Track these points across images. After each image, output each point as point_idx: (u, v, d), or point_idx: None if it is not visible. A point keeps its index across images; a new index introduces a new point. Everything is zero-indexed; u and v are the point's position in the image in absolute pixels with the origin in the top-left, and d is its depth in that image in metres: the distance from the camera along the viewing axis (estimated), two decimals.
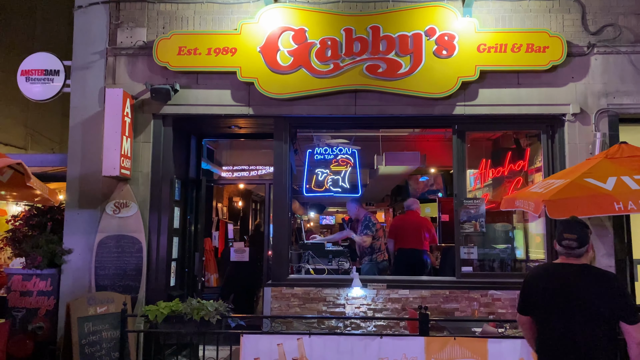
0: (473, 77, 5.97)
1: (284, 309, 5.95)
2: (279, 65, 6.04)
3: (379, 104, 6.12)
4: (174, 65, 6.08)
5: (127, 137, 5.91)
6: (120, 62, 6.26)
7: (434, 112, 6.11)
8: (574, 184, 4.57)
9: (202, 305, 4.45)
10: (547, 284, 3.11)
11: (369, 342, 4.28)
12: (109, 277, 5.91)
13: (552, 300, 3.04)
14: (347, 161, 7.85)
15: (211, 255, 9.05)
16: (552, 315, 3.04)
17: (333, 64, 6.01)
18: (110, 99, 5.82)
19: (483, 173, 8.27)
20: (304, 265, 7.23)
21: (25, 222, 6.32)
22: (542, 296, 3.11)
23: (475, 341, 4.27)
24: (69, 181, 6.13)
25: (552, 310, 3.04)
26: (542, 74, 6.02)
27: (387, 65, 5.98)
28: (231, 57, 6.08)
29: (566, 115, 6.00)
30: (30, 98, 6.32)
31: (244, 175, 9.91)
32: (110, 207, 6.01)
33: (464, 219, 6.15)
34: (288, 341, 4.24)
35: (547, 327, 3.07)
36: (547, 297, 3.07)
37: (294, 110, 6.18)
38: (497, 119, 6.27)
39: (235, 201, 12.59)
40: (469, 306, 5.84)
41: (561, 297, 3.02)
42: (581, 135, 5.97)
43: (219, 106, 6.20)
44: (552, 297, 3.05)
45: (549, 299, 3.06)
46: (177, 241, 6.56)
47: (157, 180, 6.18)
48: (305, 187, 8.27)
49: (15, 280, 5.89)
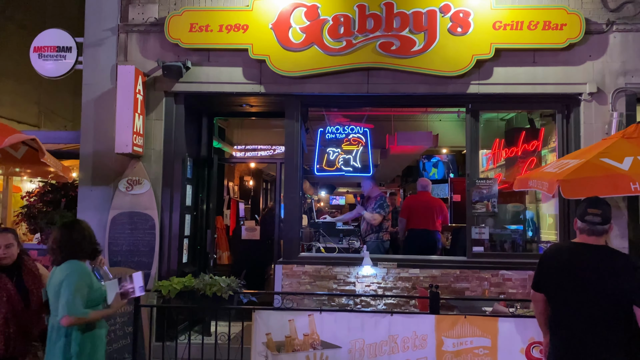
0: (488, 55, 5.87)
1: (294, 286, 6.00)
2: (291, 42, 5.98)
3: (392, 82, 6.05)
4: (186, 42, 6.04)
5: (139, 114, 5.91)
6: (132, 39, 6.24)
7: (448, 90, 6.03)
8: (589, 163, 4.51)
9: (215, 281, 4.49)
10: (563, 262, 3.08)
11: (380, 319, 4.30)
12: (122, 253, 5.98)
13: (567, 279, 3.01)
14: (359, 140, 7.80)
15: (223, 233, 9.12)
16: (566, 295, 3.01)
17: (346, 41, 5.94)
18: (122, 76, 5.82)
19: (496, 153, 8.20)
20: (315, 243, 7.26)
21: (40, 199, 6.40)
22: (557, 275, 3.07)
23: (486, 320, 4.28)
24: (82, 158, 6.17)
25: (566, 290, 3.01)
26: (559, 52, 5.90)
27: (400, 42, 5.90)
28: (243, 34, 6.02)
29: (582, 94, 5.90)
30: (43, 75, 6.33)
31: (255, 155, 9.92)
32: (123, 184, 6.05)
33: (476, 199, 6.11)
34: (299, 317, 4.28)
35: (561, 306, 3.05)
36: (562, 276, 3.04)
37: (305, 88, 6.14)
38: (512, 98, 6.18)
39: (246, 180, 12.63)
40: (479, 286, 5.85)
41: (576, 276, 2.98)
42: (597, 115, 5.87)
43: (230, 84, 6.17)
44: (567, 276, 3.02)
45: (564, 278, 3.03)
46: (189, 219, 6.61)
47: (169, 158, 6.20)
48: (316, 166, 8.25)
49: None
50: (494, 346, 4.17)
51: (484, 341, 4.20)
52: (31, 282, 3.81)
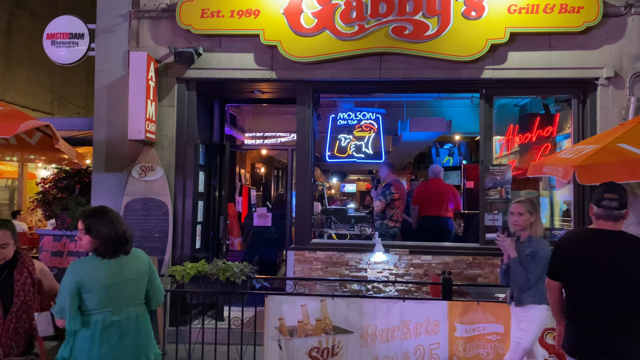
0: (503, 40, 5.78)
1: (306, 272, 6.02)
2: (303, 27, 5.94)
3: (405, 67, 5.99)
4: (197, 28, 6.02)
5: (151, 101, 5.92)
6: (144, 25, 6.23)
7: (461, 75, 5.96)
8: (605, 149, 4.43)
9: (228, 267, 4.52)
10: (580, 249, 3.02)
11: (392, 305, 4.31)
12: (136, 239, 5.93)
13: (585, 266, 2.95)
14: (371, 126, 7.77)
15: (235, 219, 9.18)
16: (584, 282, 2.93)
17: (358, 25, 5.88)
18: (134, 63, 5.82)
19: (510, 139, 8.12)
20: (327, 230, 7.27)
21: (55, 185, 6.47)
22: (574, 262, 3.01)
23: (499, 306, 4.27)
24: (96, 144, 6.21)
25: (584, 277, 2.94)
26: (575, 35, 5.79)
27: (413, 26, 5.82)
28: (254, 20, 5.99)
29: (599, 79, 5.80)
30: (56, 62, 6.35)
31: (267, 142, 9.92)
32: (136, 170, 6.08)
33: (490, 185, 6.06)
34: (311, 303, 4.30)
35: (578, 293, 2.98)
36: (580, 263, 2.98)
37: (317, 74, 6.10)
38: (527, 83, 6.09)
39: (258, 167, 12.66)
40: (492, 272, 5.82)
41: (594, 263, 2.92)
42: (614, 100, 5.77)
43: (242, 70, 6.15)
44: (584, 263, 2.95)
45: (582, 265, 2.97)
46: (202, 205, 6.64)
47: (181, 145, 6.22)
48: (327, 153, 8.25)
49: (46, 241, 6.06)
50: (506, 332, 4.16)
51: (496, 327, 4.20)
52: (20, 286, 3.36)
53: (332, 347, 4.22)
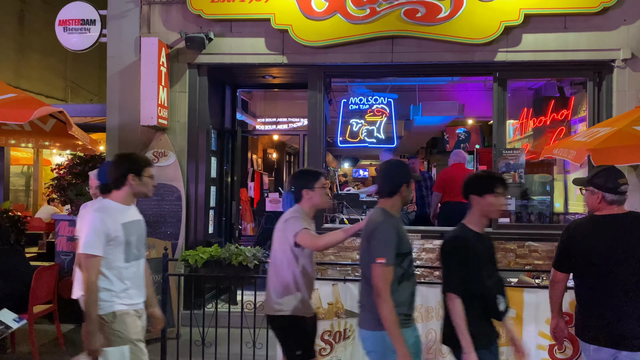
0: (517, 21, 5.68)
1: (318, 257, 6.04)
2: (314, 11, 5.88)
3: (417, 50, 5.92)
4: (208, 12, 6.00)
5: (163, 86, 5.94)
6: (155, 11, 6.22)
7: (474, 58, 5.88)
8: (621, 132, 4.37)
9: (240, 251, 4.55)
10: (602, 236, 2.89)
11: None
12: (150, 224, 6.03)
13: (610, 253, 2.83)
14: (383, 111, 7.72)
15: (247, 205, 9.22)
16: (605, 268, 2.83)
17: (369, 8, 5.81)
18: (145, 48, 5.83)
19: (524, 123, 8.02)
20: (338, 215, 7.28)
21: (69, 171, 6.54)
22: (590, 250, 2.88)
23: (511, 291, 4.24)
24: (109, 130, 6.26)
25: (608, 264, 2.83)
26: (592, 16, 5.68)
27: (426, 9, 5.75)
28: (265, 4, 5.95)
29: (616, 60, 5.69)
30: (68, 48, 6.39)
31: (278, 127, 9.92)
32: (149, 156, 6.12)
33: (503, 169, 6.01)
34: (323, 287, 4.31)
35: (598, 281, 2.87)
36: (599, 250, 2.86)
37: (328, 58, 6.06)
38: (541, 66, 6.00)
39: (270, 153, 12.67)
40: (504, 257, 5.80)
41: (615, 249, 2.82)
42: (631, 82, 5.67)
43: (253, 55, 6.13)
44: (604, 250, 2.84)
45: (601, 251, 2.85)
46: (214, 190, 6.68)
47: (193, 130, 6.24)
48: (339, 138, 8.22)
49: (62, 226, 6.15)
50: (519, 317, 4.15)
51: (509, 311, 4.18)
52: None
53: (344, 330, 4.24)
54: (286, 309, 3.19)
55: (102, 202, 3.05)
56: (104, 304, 2.88)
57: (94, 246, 2.85)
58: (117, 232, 2.93)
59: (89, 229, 2.88)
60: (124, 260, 2.96)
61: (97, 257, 2.85)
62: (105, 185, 3.48)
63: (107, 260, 2.90)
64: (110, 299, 2.91)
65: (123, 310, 2.94)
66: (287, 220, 3.24)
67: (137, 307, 3.06)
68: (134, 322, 3.00)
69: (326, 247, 3.21)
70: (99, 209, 2.99)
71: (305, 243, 3.14)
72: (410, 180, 2.97)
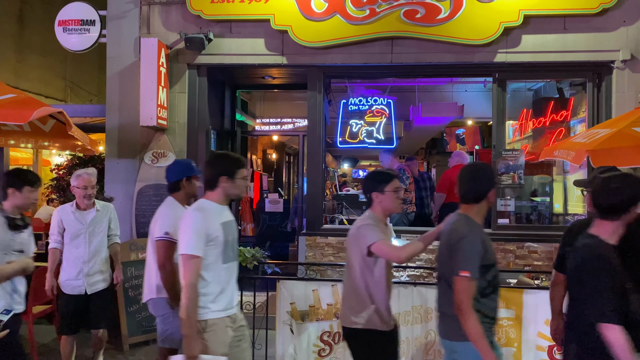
0: (516, 22, 5.69)
1: (318, 258, 6.05)
2: (313, 11, 5.89)
3: (417, 51, 5.93)
4: (207, 13, 6.00)
5: (162, 87, 5.94)
6: (154, 11, 6.22)
7: (474, 59, 5.89)
8: (620, 133, 4.36)
9: (240, 252, 4.54)
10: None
11: (403, 290, 4.31)
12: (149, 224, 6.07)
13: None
14: (382, 112, 7.71)
15: (247, 205, 9.20)
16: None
17: (369, 9, 5.82)
18: (145, 49, 5.83)
19: (523, 124, 8.03)
20: (338, 216, 7.28)
21: (69, 171, 6.55)
22: None
23: (511, 292, 4.25)
24: (108, 131, 6.26)
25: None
26: (591, 18, 5.69)
27: (425, 10, 5.75)
28: (264, 4, 5.95)
29: (615, 62, 5.70)
30: (68, 49, 6.39)
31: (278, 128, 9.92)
32: (148, 156, 6.13)
33: (502, 170, 6.02)
34: (323, 287, 4.31)
35: None
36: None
37: (328, 59, 6.07)
38: (541, 67, 6.00)
39: (269, 153, 12.67)
40: (504, 258, 5.80)
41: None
42: (630, 83, 5.68)
43: (253, 55, 6.13)
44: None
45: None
46: None
47: (193, 131, 6.24)
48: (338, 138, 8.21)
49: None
50: (518, 317, 4.15)
51: (508, 312, 4.18)
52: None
53: None
54: (360, 322, 2.99)
55: (201, 202, 2.93)
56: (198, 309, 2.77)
57: (196, 247, 2.74)
58: (217, 232, 2.83)
59: (190, 229, 2.77)
60: (222, 261, 2.86)
61: (199, 258, 2.74)
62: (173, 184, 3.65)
63: (205, 261, 2.79)
64: (205, 304, 2.80)
65: (216, 319, 2.83)
66: (359, 227, 3.03)
67: (232, 312, 2.95)
68: (224, 333, 2.88)
69: (408, 259, 2.95)
70: (199, 208, 2.88)
71: (386, 255, 2.92)
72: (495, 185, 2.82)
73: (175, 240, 3.35)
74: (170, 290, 3.45)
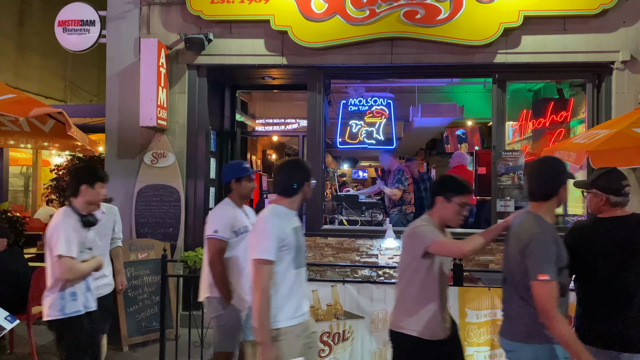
0: (516, 23, 5.69)
1: (317, 258, 6.05)
2: (313, 12, 5.89)
3: (416, 52, 5.93)
4: (207, 14, 6.00)
5: (162, 87, 5.94)
6: (154, 12, 6.22)
7: (474, 60, 5.89)
8: (620, 134, 4.37)
9: None
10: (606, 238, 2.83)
11: None
12: (149, 225, 6.10)
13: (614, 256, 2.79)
14: (382, 112, 7.72)
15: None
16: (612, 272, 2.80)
17: (369, 10, 5.82)
18: (145, 49, 5.83)
19: (523, 124, 8.03)
20: (338, 216, 7.28)
21: (68, 172, 6.53)
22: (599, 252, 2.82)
23: None
24: (108, 131, 6.26)
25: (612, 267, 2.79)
26: (591, 18, 5.69)
27: (425, 10, 5.75)
28: (264, 5, 5.95)
29: (615, 62, 5.70)
30: (67, 49, 6.39)
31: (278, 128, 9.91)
32: (148, 157, 6.12)
33: (502, 171, 6.02)
34: (322, 288, 4.31)
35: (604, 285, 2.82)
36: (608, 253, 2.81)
37: (327, 59, 6.07)
38: (540, 68, 6.00)
39: (269, 154, 12.67)
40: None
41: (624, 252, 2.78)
42: (630, 84, 5.68)
43: (253, 56, 6.13)
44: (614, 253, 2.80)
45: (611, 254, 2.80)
46: (213, 191, 6.68)
47: (193, 131, 6.24)
48: (338, 139, 8.22)
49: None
50: None
51: None
52: None
53: (343, 331, 4.25)
54: (410, 328, 2.88)
55: (274, 208, 2.90)
56: None
57: (270, 251, 2.71)
58: (290, 238, 2.81)
59: (264, 233, 2.75)
60: (293, 267, 2.83)
61: (272, 263, 2.71)
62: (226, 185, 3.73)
63: (277, 267, 2.75)
64: (277, 312, 2.76)
65: (287, 327, 2.79)
66: (415, 227, 2.94)
67: (303, 320, 2.90)
68: (296, 342, 2.83)
69: (472, 253, 2.84)
70: (274, 213, 2.86)
71: (447, 251, 2.83)
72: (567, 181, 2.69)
73: (224, 238, 3.48)
74: (221, 287, 3.50)
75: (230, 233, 3.61)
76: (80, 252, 3.29)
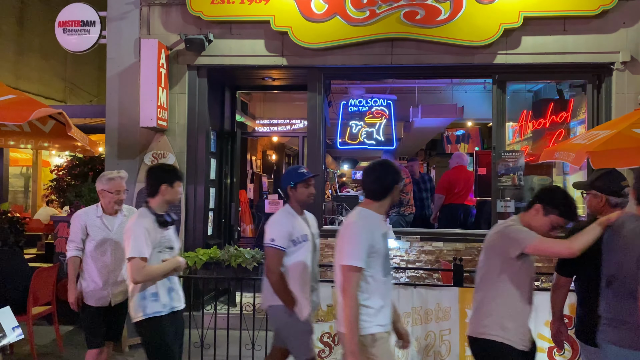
0: (516, 24, 5.69)
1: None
2: (313, 13, 5.89)
3: (416, 52, 5.93)
4: (208, 14, 6.01)
5: (162, 88, 5.94)
6: (155, 12, 6.23)
7: (474, 61, 5.89)
8: (620, 134, 4.37)
9: (240, 253, 4.55)
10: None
11: (403, 292, 4.31)
12: None
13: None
14: (382, 113, 7.72)
15: (246, 206, 9.21)
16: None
17: (369, 10, 5.82)
18: (145, 50, 5.83)
19: (523, 125, 8.03)
20: (338, 217, 7.28)
21: (68, 172, 6.54)
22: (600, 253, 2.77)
23: None
24: (108, 132, 6.25)
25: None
26: (591, 19, 5.69)
27: (425, 11, 5.76)
28: (264, 6, 5.96)
29: (615, 63, 5.70)
30: (68, 49, 6.39)
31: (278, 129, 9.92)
32: (148, 157, 6.12)
33: (502, 172, 6.02)
34: (323, 289, 4.30)
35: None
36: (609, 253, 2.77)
37: (327, 60, 6.07)
38: (541, 68, 6.01)
39: (269, 154, 12.67)
40: None
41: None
42: (630, 85, 5.68)
43: (253, 57, 6.13)
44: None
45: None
46: (213, 192, 6.68)
47: (193, 132, 6.24)
48: (338, 140, 8.23)
49: (60, 227, 6.14)
50: None
51: None
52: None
53: None
54: (491, 333, 2.76)
55: (363, 211, 2.79)
56: (362, 323, 2.62)
57: (359, 257, 2.61)
58: (379, 244, 2.71)
59: (353, 238, 2.65)
60: (382, 274, 2.73)
61: (361, 270, 2.61)
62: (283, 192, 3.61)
63: (366, 273, 2.64)
64: (369, 318, 2.66)
65: (381, 333, 2.69)
66: (508, 227, 2.81)
67: (389, 328, 2.80)
68: (389, 348, 2.75)
69: (582, 250, 2.70)
70: (362, 217, 2.75)
71: (553, 251, 2.73)
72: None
73: (281, 247, 3.38)
74: (282, 294, 3.38)
75: (288, 242, 3.46)
76: (159, 252, 3.23)
